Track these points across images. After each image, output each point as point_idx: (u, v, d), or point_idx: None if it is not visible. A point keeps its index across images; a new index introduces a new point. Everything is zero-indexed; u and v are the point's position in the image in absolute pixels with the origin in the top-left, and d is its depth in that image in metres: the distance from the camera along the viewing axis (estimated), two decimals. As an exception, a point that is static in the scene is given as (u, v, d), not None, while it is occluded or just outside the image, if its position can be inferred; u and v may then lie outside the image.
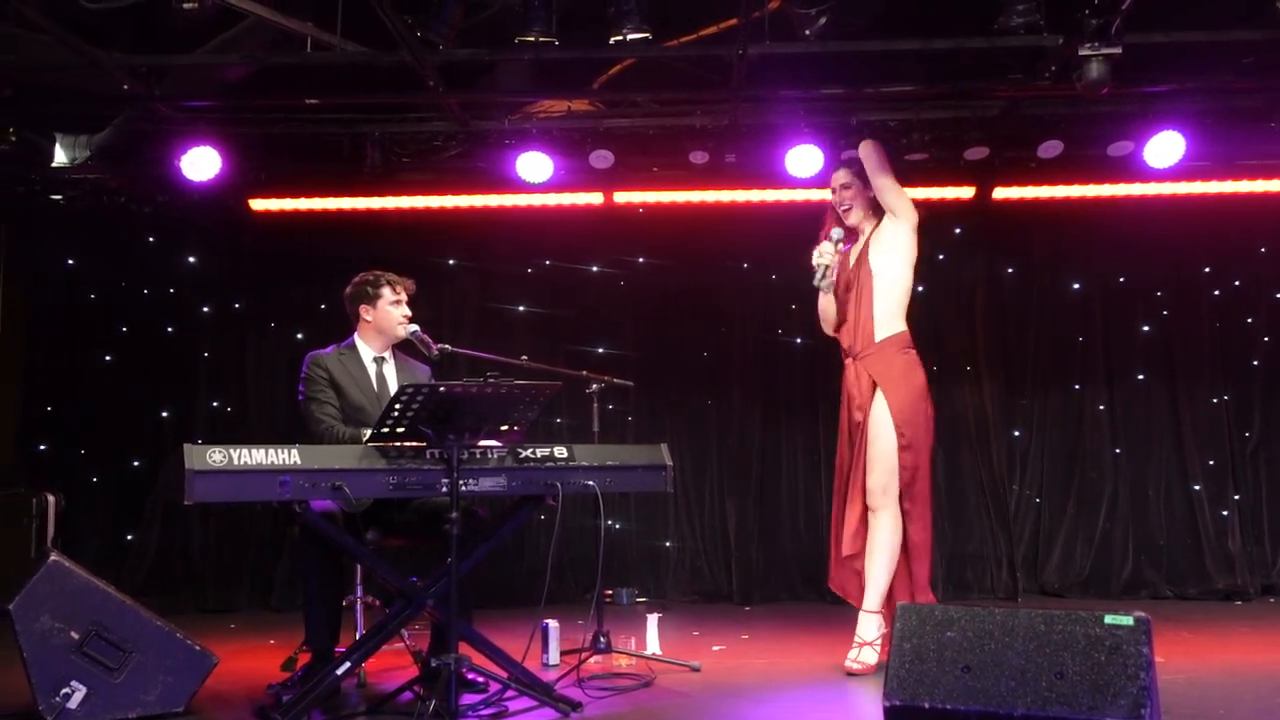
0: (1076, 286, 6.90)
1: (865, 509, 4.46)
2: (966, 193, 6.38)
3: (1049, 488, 6.81)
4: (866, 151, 4.60)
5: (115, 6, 4.34)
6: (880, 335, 4.52)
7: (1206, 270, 6.83)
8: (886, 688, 3.09)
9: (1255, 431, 6.75)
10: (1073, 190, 6.34)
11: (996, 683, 2.99)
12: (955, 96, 5.79)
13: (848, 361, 4.63)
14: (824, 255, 4.60)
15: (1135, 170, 6.03)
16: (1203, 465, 6.67)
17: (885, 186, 4.57)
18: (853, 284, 4.60)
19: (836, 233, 4.63)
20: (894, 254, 4.54)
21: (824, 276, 4.61)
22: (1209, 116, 5.78)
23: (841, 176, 4.69)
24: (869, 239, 4.63)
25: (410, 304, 4.40)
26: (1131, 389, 6.82)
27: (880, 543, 4.40)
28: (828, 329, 4.79)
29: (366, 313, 4.34)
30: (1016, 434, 6.85)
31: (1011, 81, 5.38)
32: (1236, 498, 6.64)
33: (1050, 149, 5.92)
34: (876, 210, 4.64)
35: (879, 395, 4.46)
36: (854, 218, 4.67)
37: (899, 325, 4.56)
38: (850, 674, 4.29)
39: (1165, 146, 5.78)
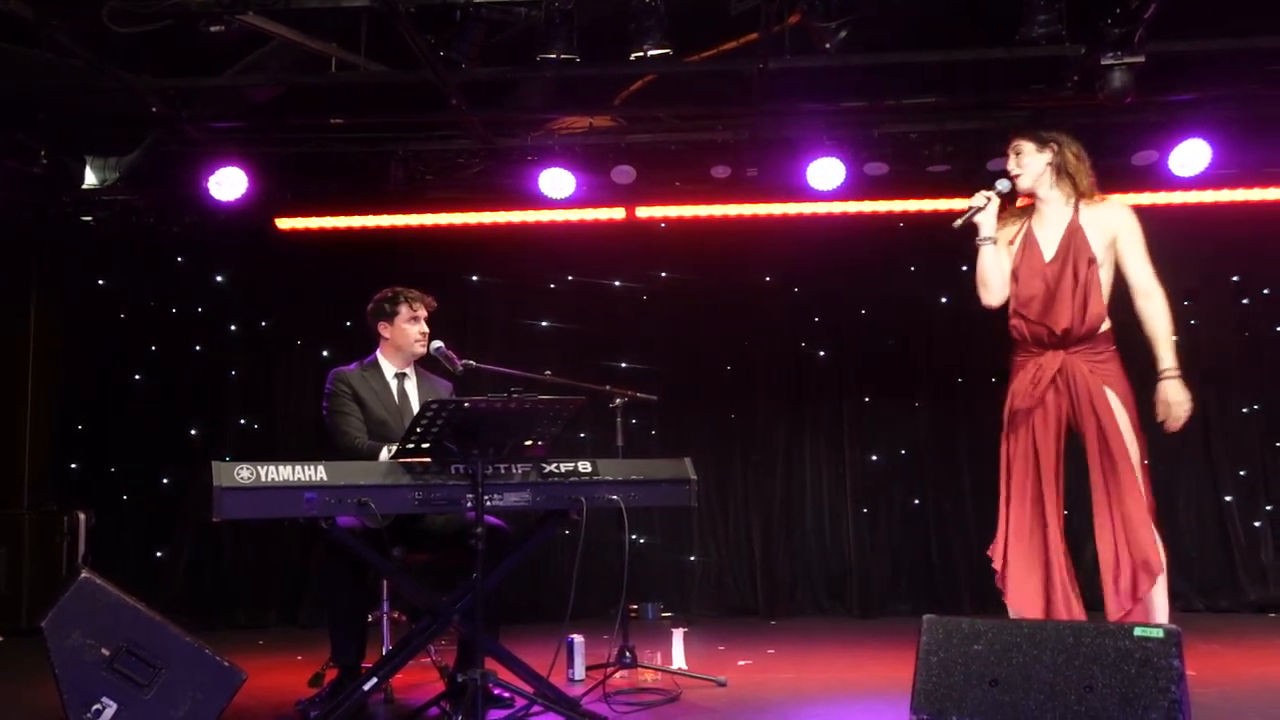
0: (1102, 296, 6.83)
1: (1057, 532, 4.17)
2: (990, 203, 6.34)
3: (1076, 498, 6.71)
4: None
5: (143, 30, 4.41)
6: (1104, 326, 3.95)
7: (1235, 279, 6.76)
8: (913, 702, 3.07)
9: (1287, 441, 6.65)
10: (1098, 200, 6.29)
11: (1025, 697, 2.96)
12: (977, 107, 5.79)
13: (1047, 354, 3.94)
14: (976, 199, 3.94)
15: (1161, 179, 5.99)
16: (1233, 476, 6.59)
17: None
18: (1063, 259, 3.92)
19: (1002, 183, 3.95)
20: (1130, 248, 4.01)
21: (968, 221, 3.92)
22: (1234, 124, 5.75)
23: (1018, 145, 3.98)
24: (1076, 214, 3.96)
25: (431, 321, 4.42)
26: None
27: None
28: (989, 296, 4.00)
29: (385, 330, 4.39)
30: (1043, 445, 6.77)
31: (1034, 92, 5.38)
32: (1268, 508, 6.55)
33: (1074, 159, 5.88)
34: (1070, 185, 3.96)
35: (1112, 396, 3.94)
36: (1026, 183, 3.95)
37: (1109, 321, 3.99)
38: None
39: (1190, 155, 5.75)
